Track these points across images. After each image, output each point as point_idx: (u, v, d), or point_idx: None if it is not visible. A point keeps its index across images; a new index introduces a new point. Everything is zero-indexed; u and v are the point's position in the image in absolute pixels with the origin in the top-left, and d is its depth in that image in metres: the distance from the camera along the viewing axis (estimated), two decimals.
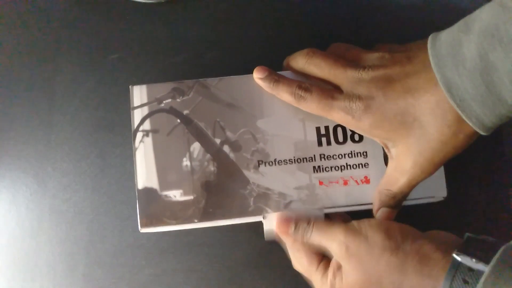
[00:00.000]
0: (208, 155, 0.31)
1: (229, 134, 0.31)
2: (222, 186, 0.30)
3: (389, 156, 0.29)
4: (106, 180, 0.39)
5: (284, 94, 0.30)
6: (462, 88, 0.23)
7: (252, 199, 0.30)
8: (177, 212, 0.30)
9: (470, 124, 0.24)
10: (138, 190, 0.30)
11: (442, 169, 0.31)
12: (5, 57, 0.42)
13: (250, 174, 0.31)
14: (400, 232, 0.27)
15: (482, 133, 0.24)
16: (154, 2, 0.43)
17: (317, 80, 0.30)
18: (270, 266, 0.36)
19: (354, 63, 0.29)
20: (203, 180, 0.30)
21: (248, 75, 0.32)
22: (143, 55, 0.41)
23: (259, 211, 0.30)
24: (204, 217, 0.30)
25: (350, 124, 0.28)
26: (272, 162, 0.31)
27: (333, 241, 0.27)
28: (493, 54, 0.21)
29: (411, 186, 0.28)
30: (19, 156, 0.39)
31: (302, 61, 0.30)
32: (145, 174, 0.31)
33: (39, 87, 0.41)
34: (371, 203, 0.31)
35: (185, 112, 0.32)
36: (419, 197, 0.31)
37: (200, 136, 0.31)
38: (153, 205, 0.30)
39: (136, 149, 0.31)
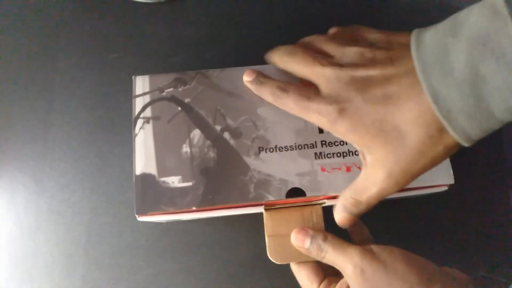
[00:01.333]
0: (208, 142, 0.30)
1: (229, 121, 0.31)
2: (222, 173, 0.30)
3: (363, 164, 0.27)
4: (104, 180, 0.38)
5: (266, 95, 0.29)
6: (450, 99, 0.21)
7: (252, 185, 0.29)
8: (175, 198, 0.29)
9: (456, 137, 0.22)
10: (136, 176, 0.29)
11: None
12: (4, 57, 0.41)
13: (250, 161, 0.30)
14: (422, 266, 0.25)
15: (465, 145, 0.23)
16: (153, 2, 0.42)
17: (298, 79, 0.29)
18: (269, 267, 0.35)
19: (332, 60, 0.27)
20: (202, 167, 0.30)
21: (250, 66, 0.32)
22: (142, 54, 0.41)
23: (259, 198, 0.29)
24: (202, 204, 0.29)
25: (326, 126, 0.27)
26: (273, 148, 0.30)
27: (347, 262, 0.26)
28: (484, 66, 0.20)
29: (380, 198, 0.26)
30: (17, 156, 0.39)
31: (284, 59, 0.29)
32: (144, 160, 0.30)
33: (38, 87, 0.40)
34: None
35: (187, 100, 0.31)
36: (425, 185, 0.30)
37: (201, 123, 0.31)
38: (151, 191, 0.29)
39: (135, 135, 0.30)
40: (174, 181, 0.29)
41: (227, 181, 0.30)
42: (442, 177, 0.30)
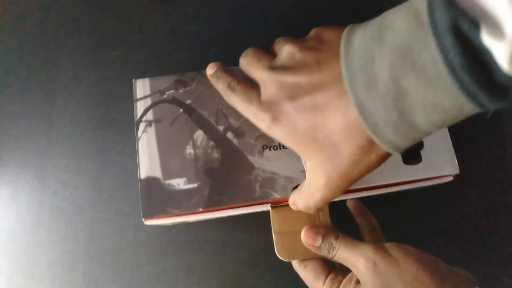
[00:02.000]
0: (212, 142, 0.30)
1: (232, 121, 0.31)
2: (226, 173, 0.29)
3: (305, 168, 0.27)
4: (106, 177, 0.38)
5: (220, 91, 0.29)
6: (375, 112, 0.21)
7: (257, 184, 0.29)
8: (181, 200, 0.29)
9: (384, 148, 0.22)
10: (141, 180, 0.29)
11: (451, 146, 0.30)
12: (6, 54, 0.41)
13: (255, 159, 0.30)
14: (435, 265, 0.26)
15: (395, 153, 0.23)
16: None
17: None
18: (271, 264, 0.35)
19: (270, 63, 0.27)
20: (207, 167, 0.29)
21: None
22: (144, 51, 0.41)
23: (265, 196, 0.29)
24: (208, 205, 0.29)
25: (266, 131, 0.27)
26: (276, 146, 0.30)
27: (360, 256, 0.26)
28: (406, 80, 0.19)
29: (326, 202, 0.26)
30: (19, 153, 0.38)
31: (240, 61, 0.29)
32: (148, 163, 0.29)
33: (40, 84, 0.40)
34: (382, 185, 0.30)
35: (188, 102, 0.31)
36: (431, 176, 0.30)
37: (203, 124, 0.30)
38: (156, 194, 0.29)
39: (138, 139, 0.30)
40: (179, 183, 0.29)
41: (232, 181, 0.29)
42: (447, 168, 0.30)
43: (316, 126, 0.24)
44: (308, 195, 0.27)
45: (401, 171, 0.30)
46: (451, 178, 0.30)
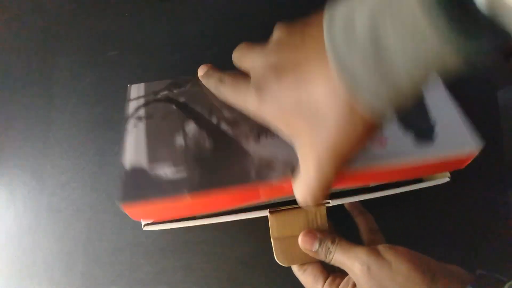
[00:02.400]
0: (204, 133, 0.29)
1: (226, 113, 0.30)
2: (219, 161, 0.28)
3: (298, 155, 0.26)
4: (104, 178, 0.38)
5: (212, 88, 0.29)
6: (353, 64, 0.20)
7: (253, 170, 0.28)
8: (168, 188, 0.27)
9: (363, 103, 0.21)
10: (125, 171, 0.27)
11: (465, 122, 0.29)
12: (3, 54, 0.41)
13: (250, 147, 0.28)
14: (426, 265, 0.26)
15: (378, 116, 0.22)
16: None
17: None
18: (269, 264, 0.34)
19: (262, 47, 0.27)
20: (198, 157, 0.28)
21: None
22: (142, 52, 0.41)
23: (263, 176, 0.27)
24: (199, 188, 0.26)
25: (255, 115, 0.26)
26: (272, 133, 0.29)
27: (355, 260, 0.27)
28: (383, 28, 0.19)
29: (325, 188, 0.25)
30: (17, 154, 0.38)
31: (234, 55, 0.29)
32: (134, 151, 0.28)
33: (38, 84, 0.40)
34: (381, 186, 0.30)
35: (182, 100, 0.31)
36: (450, 153, 0.28)
37: (196, 116, 0.30)
38: (140, 183, 0.27)
39: (126, 130, 0.29)
40: (166, 172, 0.28)
41: (225, 167, 0.28)
42: (468, 144, 0.28)
43: (300, 100, 0.23)
44: (304, 184, 0.26)
45: (415, 152, 0.28)
46: (447, 179, 0.30)
